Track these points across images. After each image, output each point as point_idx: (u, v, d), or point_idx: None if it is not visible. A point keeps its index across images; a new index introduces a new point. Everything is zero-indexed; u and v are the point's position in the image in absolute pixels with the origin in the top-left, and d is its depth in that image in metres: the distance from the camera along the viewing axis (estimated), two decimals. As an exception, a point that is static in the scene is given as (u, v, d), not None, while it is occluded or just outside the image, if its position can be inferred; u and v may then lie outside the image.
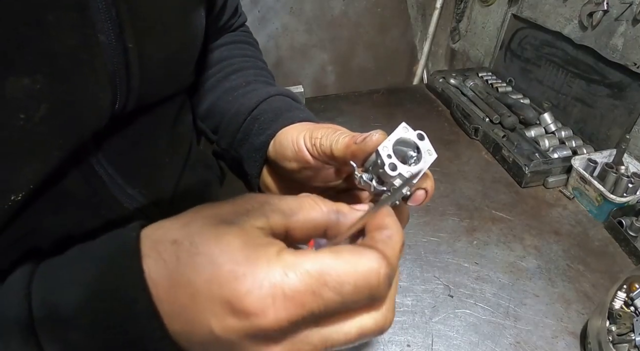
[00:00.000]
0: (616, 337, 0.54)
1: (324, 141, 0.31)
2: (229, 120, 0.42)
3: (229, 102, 0.44)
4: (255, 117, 0.39)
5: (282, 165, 0.35)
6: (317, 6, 1.53)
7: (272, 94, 0.41)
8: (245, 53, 0.52)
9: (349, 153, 0.29)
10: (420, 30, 1.70)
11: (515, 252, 0.71)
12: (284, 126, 0.36)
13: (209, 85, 0.48)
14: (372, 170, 0.28)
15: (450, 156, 0.95)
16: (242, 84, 0.45)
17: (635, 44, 0.81)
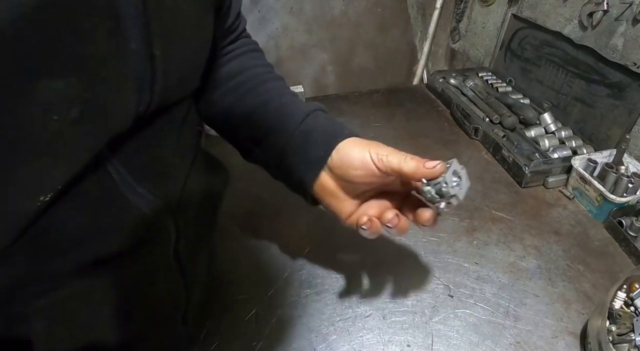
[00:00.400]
0: (616, 337, 0.54)
1: (392, 159, 0.41)
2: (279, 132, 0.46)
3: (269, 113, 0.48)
4: (305, 131, 0.46)
5: (347, 173, 0.43)
6: (317, 6, 1.53)
7: (313, 109, 0.48)
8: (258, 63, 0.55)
9: (419, 173, 0.41)
10: (420, 30, 1.70)
11: (515, 252, 0.71)
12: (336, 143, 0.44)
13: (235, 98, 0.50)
14: (434, 186, 0.41)
15: (450, 156, 0.94)
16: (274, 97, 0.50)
17: (635, 44, 0.81)
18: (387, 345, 0.57)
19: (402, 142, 0.99)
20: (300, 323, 0.59)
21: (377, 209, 0.47)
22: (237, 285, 0.64)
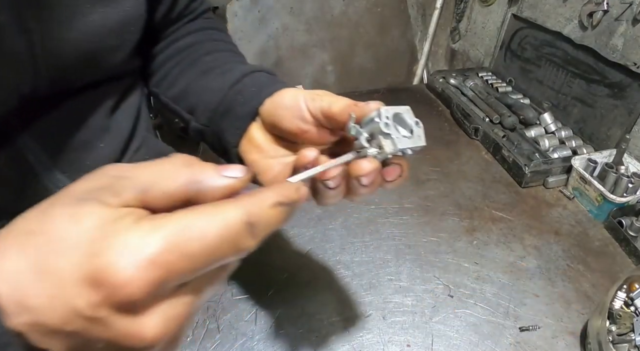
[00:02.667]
0: (616, 337, 0.54)
1: (325, 99, 0.34)
2: (210, 96, 0.42)
3: (207, 81, 0.44)
4: (238, 90, 0.40)
5: (276, 113, 0.36)
6: (317, 6, 1.53)
7: (252, 70, 0.42)
8: (214, 38, 0.51)
9: (347, 111, 0.32)
10: (420, 30, 1.70)
11: (515, 252, 0.71)
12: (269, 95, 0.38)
13: (179, 70, 0.47)
14: (366, 126, 0.31)
15: (450, 156, 0.95)
16: (218, 65, 0.45)
17: (635, 44, 0.81)
18: (387, 345, 0.57)
19: (402, 142, 0.99)
20: (300, 323, 0.59)
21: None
22: (237, 285, 0.64)
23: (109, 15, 0.35)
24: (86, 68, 0.35)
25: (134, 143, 0.45)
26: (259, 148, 0.39)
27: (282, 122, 0.36)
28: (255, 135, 0.39)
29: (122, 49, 0.39)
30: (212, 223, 0.20)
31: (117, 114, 0.42)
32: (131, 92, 0.45)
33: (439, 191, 0.84)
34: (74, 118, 0.36)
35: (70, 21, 0.31)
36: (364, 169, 0.31)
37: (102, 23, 0.34)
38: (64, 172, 0.35)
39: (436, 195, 0.83)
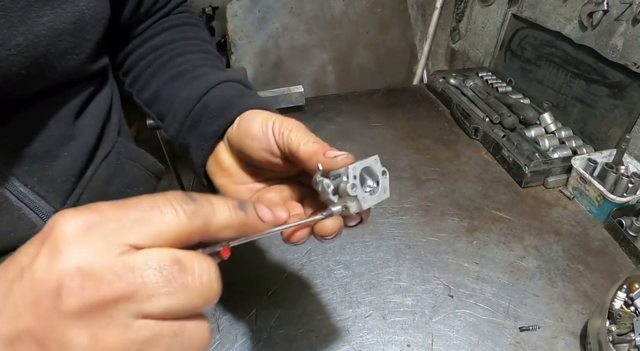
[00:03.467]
0: (616, 337, 0.54)
1: (293, 136, 0.32)
2: (178, 106, 0.41)
3: (176, 88, 0.43)
4: (205, 104, 0.39)
5: (243, 142, 0.35)
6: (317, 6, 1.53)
7: (221, 80, 0.41)
8: (187, 35, 0.49)
9: (315, 160, 0.31)
10: (420, 30, 1.70)
11: (515, 252, 0.71)
12: (236, 114, 0.37)
13: (152, 71, 0.46)
14: (333, 180, 0.31)
15: (450, 156, 0.95)
16: (188, 69, 0.44)
17: (635, 44, 0.81)
18: (387, 345, 0.57)
19: (402, 142, 0.99)
20: (301, 323, 0.59)
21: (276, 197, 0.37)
22: (237, 285, 0.64)
23: (59, 17, 0.33)
24: (37, 75, 0.33)
25: (102, 150, 0.43)
26: (226, 172, 0.38)
27: (249, 152, 0.35)
28: (222, 158, 0.38)
29: (79, 51, 0.37)
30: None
31: (81, 120, 0.40)
32: (98, 95, 0.43)
33: (439, 191, 0.84)
34: (32, 127, 0.34)
35: (15, 26, 0.29)
36: (328, 230, 0.31)
37: (52, 25, 0.32)
38: (26, 183, 0.34)
39: (436, 195, 0.83)
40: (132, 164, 0.47)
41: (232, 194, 0.38)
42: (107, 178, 0.43)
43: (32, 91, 0.34)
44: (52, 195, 0.36)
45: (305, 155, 0.31)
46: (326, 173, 0.31)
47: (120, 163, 0.45)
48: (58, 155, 0.37)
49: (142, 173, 0.48)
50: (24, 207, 0.34)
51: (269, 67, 1.55)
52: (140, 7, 0.47)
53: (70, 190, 0.38)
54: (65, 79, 0.37)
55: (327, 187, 0.30)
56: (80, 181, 0.39)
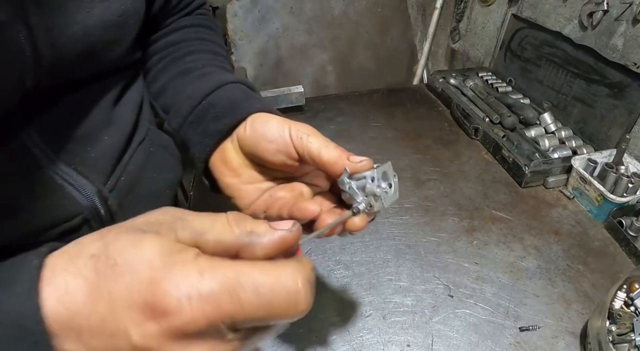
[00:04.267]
0: (616, 337, 0.54)
1: (312, 141, 0.34)
2: (182, 101, 0.42)
3: (183, 83, 0.44)
4: (211, 102, 0.40)
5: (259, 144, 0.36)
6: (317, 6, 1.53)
7: (229, 81, 0.42)
8: (202, 36, 0.51)
9: (340, 164, 0.33)
10: (420, 30, 1.70)
11: (515, 252, 0.71)
12: (242, 116, 0.38)
13: (162, 66, 0.47)
14: (357, 182, 0.34)
15: (450, 156, 0.95)
16: (197, 67, 0.45)
17: (635, 44, 0.81)
18: (387, 345, 0.57)
19: (402, 142, 0.99)
20: (300, 323, 0.59)
21: (289, 194, 0.38)
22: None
23: (109, 10, 0.35)
24: (87, 62, 0.36)
25: (138, 136, 0.45)
26: (235, 173, 0.39)
27: (265, 154, 0.36)
28: (231, 158, 0.39)
29: (122, 43, 0.39)
30: (267, 278, 0.21)
31: (120, 107, 0.42)
32: (133, 85, 0.45)
33: (439, 191, 0.84)
34: (77, 111, 0.36)
35: (72, 16, 0.32)
36: (358, 226, 0.34)
37: (103, 17, 0.34)
38: (70, 164, 0.35)
39: (436, 195, 0.83)
40: (162, 151, 0.49)
41: (241, 194, 0.39)
42: (142, 163, 0.44)
43: (79, 77, 0.35)
44: (94, 175, 0.37)
45: (329, 159, 0.34)
46: (350, 175, 0.34)
47: (153, 150, 0.47)
48: (99, 138, 0.38)
49: (170, 160, 0.50)
50: (68, 186, 0.35)
51: (269, 67, 1.55)
52: (168, 3, 0.49)
53: (110, 172, 0.40)
54: (107, 68, 0.39)
55: (356, 192, 0.34)
56: (119, 163, 0.41)
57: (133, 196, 0.43)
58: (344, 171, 0.34)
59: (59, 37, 0.30)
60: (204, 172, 0.41)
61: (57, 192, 0.34)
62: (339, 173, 0.34)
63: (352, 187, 0.34)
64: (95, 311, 0.20)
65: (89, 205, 0.37)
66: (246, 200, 0.39)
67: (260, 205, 0.39)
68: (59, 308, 0.20)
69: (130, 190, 0.42)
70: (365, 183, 0.33)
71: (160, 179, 0.48)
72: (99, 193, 0.38)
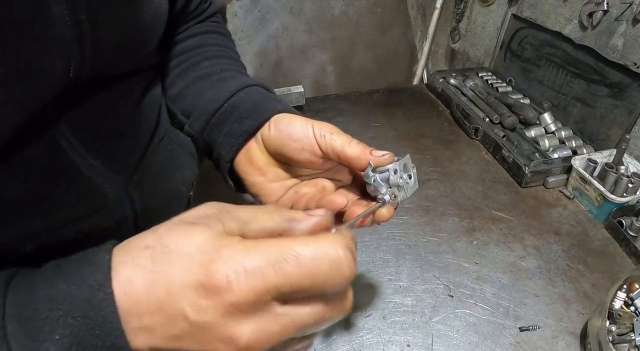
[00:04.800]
0: (616, 337, 0.54)
1: (336, 138, 0.37)
2: (205, 104, 0.43)
3: (203, 87, 0.46)
4: (234, 104, 0.42)
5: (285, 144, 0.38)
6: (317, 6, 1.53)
7: (249, 84, 0.44)
8: (218, 42, 0.53)
9: (364, 159, 0.36)
10: (420, 30, 1.70)
11: (515, 252, 0.71)
12: (266, 117, 0.40)
13: (180, 71, 0.49)
14: (381, 175, 0.36)
15: (450, 156, 0.95)
16: (216, 71, 0.47)
17: (635, 44, 0.81)
18: (387, 345, 0.57)
19: (402, 142, 0.99)
20: (300, 323, 0.59)
21: (313, 190, 0.41)
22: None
23: (142, 10, 0.37)
24: (123, 58, 0.37)
25: (159, 134, 0.46)
26: (260, 171, 0.41)
27: (290, 153, 0.38)
28: (257, 158, 0.40)
29: (151, 43, 0.41)
30: (308, 249, 0.23)
31: (143, 105, 0.43)
32: (154, 85, 0.47)
33: (439, 191, 0.84)
34: (105, 108, 0.37)
35: (114, 14, 0.33)
36: (386, 216, 0.36)
37: (138, 16, 0.36)
38: (96, 158, 0.36)
39: (436, 195, 0.83)
40: (180, 149, 0.51)
41: (267, 192, 0.41)
42: (163, 159, 0.46)
43: (111, 74, 0.37)
44: (121, 170, 0.39)
45: (353, 154, 0.36)
46: (374, 169, 0.36)
47: (172, 147, 0.49)
48: (125, 135, 0.40)
49: (188, 158, 0.52)
50: (96, 179, 0.36)
51: (269, 67, 1.55)
52: (186, 8, 0.51)
53: (135, 166, 0.41)
54: (137, 66, 0.40)
55: (381, 184, 0.36)
56: (143, 159, 0.42)
57: (154, 192, 0.44)
58: (368, 165, 0.36)
59: (102, 33, 0.32)
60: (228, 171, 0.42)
61: (86, 183, 0.36)
62: (363, 168, 0.36)
63: (377, 179, 0.36)
64: (153, 295, 0.22)
65: (115, 198, 0.38)
66: (272, 197, 0.41)
67: (286, 202, 0.41)
68: (122, 296, 0.22)
69: (152, 188, 0.44)
70: (388, 175, 0.36)
71: (179, 177, 0.50)
72: (125, 187, 0.39)
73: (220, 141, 0.42)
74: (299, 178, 0.42)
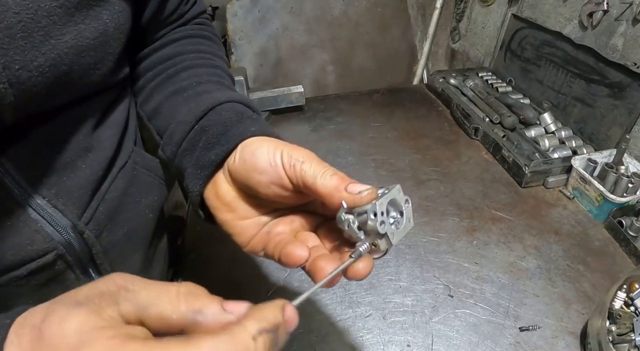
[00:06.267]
0: (616, 337, 0.54)
1: (307, 168, 0.30)
2: (175, 127, 0.39)
3: (177, 104, 0.41)
4: (204, 127, 0.37)
5: (250, 177, 0.33)
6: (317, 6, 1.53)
7: (222, 101, 0.39)
8: (199, 48, 0.48)
9: (337, 197, 0.29)
10: (420, 30, 1.70)
11: (515, 252, 0.71)
12: (235, 142, 0.35)
13: (155, 84, 0.45)
14: (358, 216, 0.29)
15: (450, 156, 0.95)
16: (192, 85, 0.42)
17: (635, 44, 0.81)
18: (387, 345, 0.57)
19: (402, 142, 0.99)
20: (300, 323, 0.59)
21: (287, 229, 0.35)
22: (237, 285, 0.64)
23: (83, 33, 0.32)
24: (60, 92, 0.33)
25: (120, 160, 0.42)
26: (229, 208, 0.36)
27: (257, 187, 0.33)
28: (223, 192, 0.36)
29: (100, 66, 0.36)
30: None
31: (101, 131, 0.39)
32: (117, 105, 0.42)
33: (439, 191, 0.84)
34: (53, 140, 0.34)
35: (37, 47, 0.29)
36: (362, 273, 0.30)
37: (75, 43, 0.31)
38: (44, 196, 0.34)
39: (436, 195, 0.83)
40: (147, 173, 0.46)
41: (238, 230, 0.36)
42: (124, 189, 0.42)
43: (52, 107, 0.33)
44: (70, 208, 0.35)
45: (325, 190, 0.30)
46: (350, 210, 0.29)
47: (136, 172, 0.44)
48: (76, 167, 0.36)
49: (156, 182, 0.47)
50: (42, 220, 0.33)
51: (269, 67, 1.55)
52: (158, 15, 0.46)
53: (87, 202, 0.37)
54: (85, 93, 0.36)
55: (353, 224, 0.29)
56: (96, 194, 0.38)
57: (113, 225, 0.40)
58: (341, 207, 0.29)
59: (20, 73, 0.28)
60: (200, 204, 0.38)
61: (31, 226, 0.33)
62: (337, 204, 0.29)
63: (351, 225, 0.29)
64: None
65: (62, 240, 0.35)
66: (244, 237, 0.36)
67: (257, 243, 0.35)
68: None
69: (110, 218, 0.40)
70: (366, 218, 0.28)
71: (144, 204, 0.45)
72: (74, 228, 0.36)
73: (190, 172, 0.37)
74: (276, 213, 0.36)
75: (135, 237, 0.45)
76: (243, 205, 0.35)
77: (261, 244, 0.35)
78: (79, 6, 0.31)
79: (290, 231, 0.35)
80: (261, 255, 0.35)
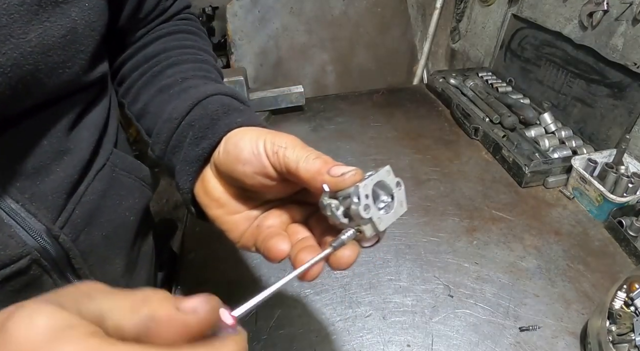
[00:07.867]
0: (616, 337, 0.54)
1: (289, 154, 0.29)
2: (162, 124, 0.39)
3: (163, 102, 0.41)
4: (190, 123, 0.36)
5: (234, 169, 0.32)
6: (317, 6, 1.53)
7: (208, 94, 0.38)
8: (184, 44, 0.47)
9: (319, 180, 0.28)
10: (420, 30, 1.70)
11: (515, 252, 0.71)
12: (220, 135, 0.34)
13: (142, 83, 0.44)
14: (342, 200, 0.27)
15: (450, 156, 0.95)
16: (177, 81, 0.42)
17: (635, 44, 0.81)
18: (387, 345, 0.57)
19: (402, 142, 0.99)
20: (300, 323, 0.59)
21: (277, 222, 0.34)
22: (237, 285, 0.64)
23: (48, 31, 0.31)
24: (24, 93, 0.31)
25: (98, 162, 0.41)
26: (218, 203, 0.35)
27: (242, 178, 0.32)
28: (211, 188, 0.35)
29: (70, 65, 0.34)
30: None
31: (76, 133, 0.38)
32: (95, 106, 0.41)
33: (439, 191, 0.84)
34: (22, 144, 0.33)
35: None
36: (345, 262, 0.28)
37: (40, 41, 0.30)
38: (17, 200, 0.33)
39: (436, 195, 0.83)
40: (127, 176, 0.45)
41: (229, 226, 0.35)
42: (102, 192, 0.41)
43: (21, 109, 0.32)
44: (43, 212, 0.35)
45: (307, 174, 0.28)
46: (334, 193, 0.27)
47: (115, 175, 0.43)
48: (51, 171, 0.35)
49: (137, 185, 0.46)
50: (15, 225, 0.33)
51: (269, 67, 1.55)
52: (138, 12, 0.45)
53: (62, 206, 0.36)
54: (57, 93, 0.35)
55: (337, 209, 0.27)
56: (72, 197, 0.38)
57: (91, 228, 0.39)
58: (323, 190, 0.27)
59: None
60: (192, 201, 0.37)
61: (4, 231, 0.32)
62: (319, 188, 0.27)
63: (333, 210, 0.27)
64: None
65: (36, 245, 0.34)
66: (235, 232, 0.35)
67: (248, 238, 0.34)
68: None
69: (87, 222, 0.39)
70: (350, 202, 0.26)
71: (124, 206, 0.44)
72: (48, 232, 0.35)
73: (179, 169, 0.36)
74: (266, 205, 0.35)
75: (116, 240, 0.44)
76: (232, 201, 0.35)
77: (252, 239, 0.34)
78: (43, 3, 0.30)
79: (279, 224, 0.34)
80: (253, 250, 0.34)
